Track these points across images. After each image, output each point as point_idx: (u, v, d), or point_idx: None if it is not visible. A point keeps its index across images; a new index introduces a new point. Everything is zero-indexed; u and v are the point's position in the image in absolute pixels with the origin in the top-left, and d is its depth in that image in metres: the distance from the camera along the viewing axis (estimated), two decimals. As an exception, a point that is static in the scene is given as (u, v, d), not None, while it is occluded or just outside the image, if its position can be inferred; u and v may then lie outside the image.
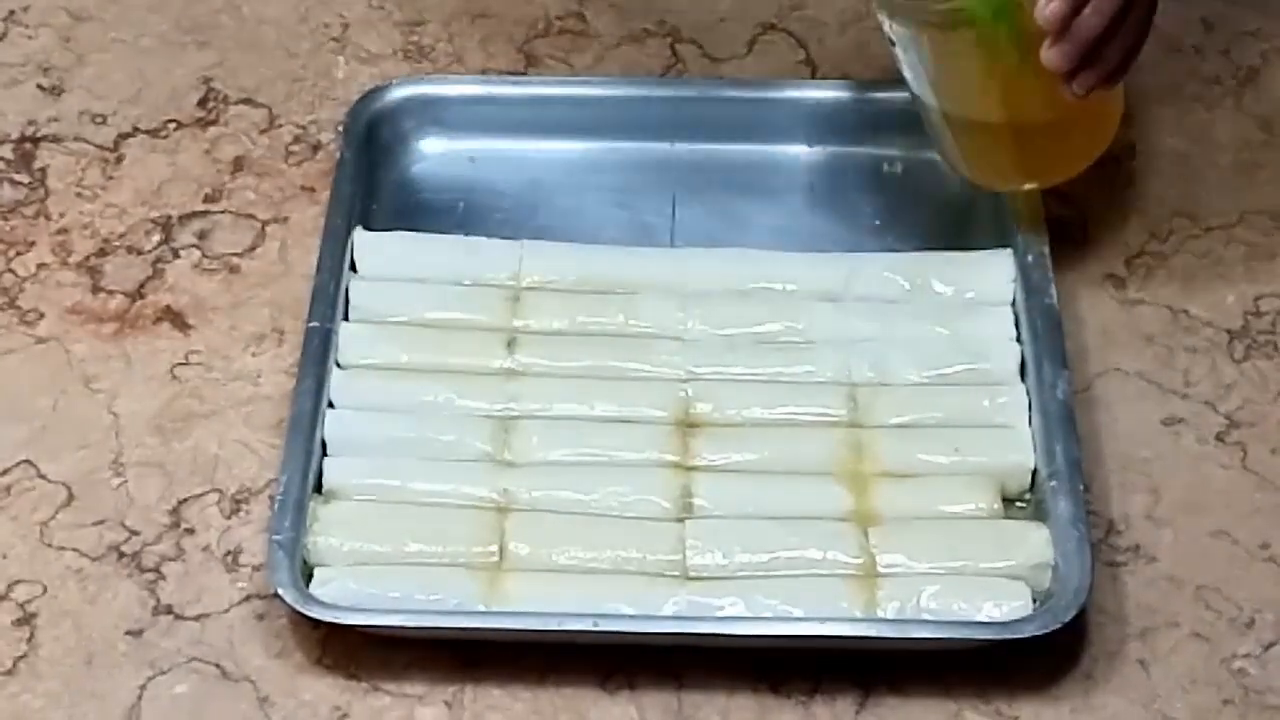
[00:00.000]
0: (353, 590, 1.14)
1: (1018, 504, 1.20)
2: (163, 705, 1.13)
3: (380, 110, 1.38)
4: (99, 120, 1.41)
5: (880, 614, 1.13)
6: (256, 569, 1.18)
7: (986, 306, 1.28)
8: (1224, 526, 1.20)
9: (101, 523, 1.20)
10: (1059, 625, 1.11)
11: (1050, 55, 1.19)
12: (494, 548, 1.16)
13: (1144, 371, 1.27)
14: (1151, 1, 1.20)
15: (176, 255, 1.33)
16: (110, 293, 1.31)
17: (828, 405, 1.23)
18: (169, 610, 1.16)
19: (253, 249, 1.34)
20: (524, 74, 1.44)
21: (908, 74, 1.26)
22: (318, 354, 1.23)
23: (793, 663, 1.14)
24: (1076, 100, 1.21)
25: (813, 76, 1.44)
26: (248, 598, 1.17)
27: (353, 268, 1.29)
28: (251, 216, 1.36)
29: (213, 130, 1.41)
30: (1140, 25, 1.21)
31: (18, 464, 1.23)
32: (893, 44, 1.24)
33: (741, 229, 1.34)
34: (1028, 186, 1.30)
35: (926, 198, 1.36)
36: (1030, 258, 1.28)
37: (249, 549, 1.19)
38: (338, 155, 1.35)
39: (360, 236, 1.30)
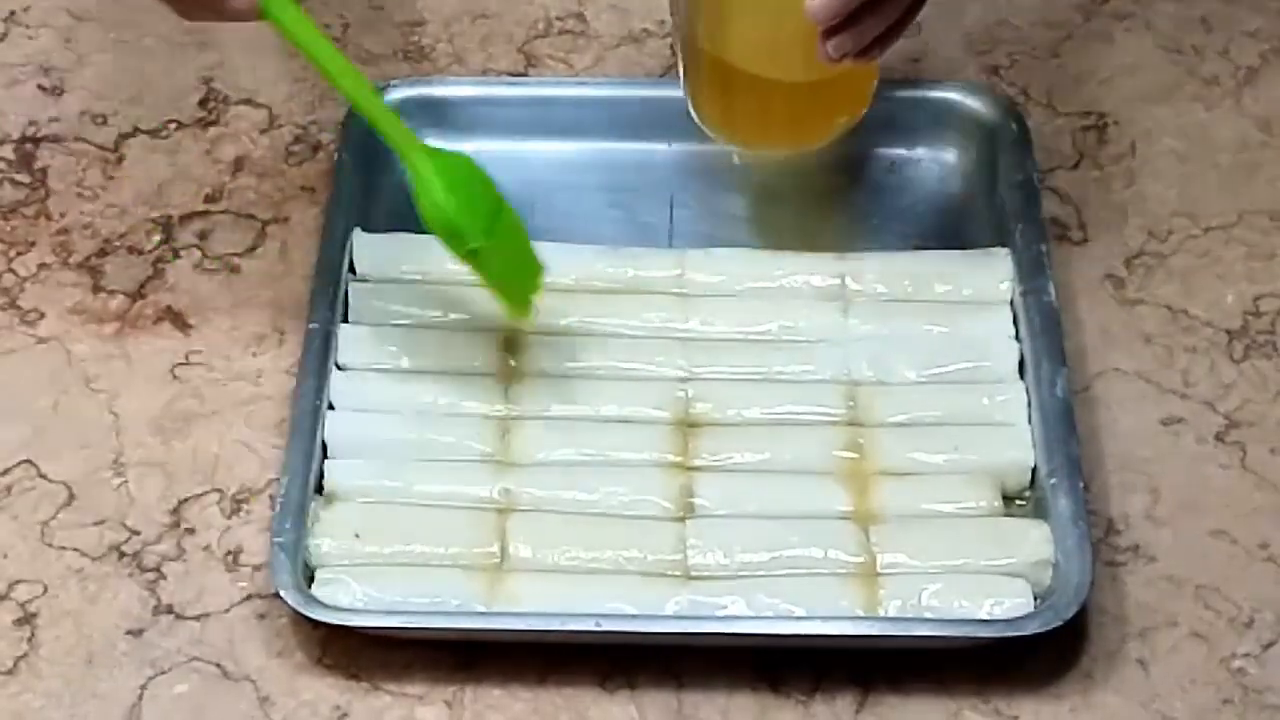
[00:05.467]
0: (354, 591, 1.14)
1: (1017, 502, 1.20)
2: (163, 705, 1.13)
3: (380, 110, 1.38)
4: (99, 120, 1.41)
5: (881, 612, 1.13)
6: (257, 569, 1.18)
7: (985, 305, 1.28)
8: (1223, 526, 1.20)
9: (102, 523, 1.20)
10: (1060, 623, 1.12)
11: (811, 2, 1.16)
12: (495, 548, 1.16)
13: (1143, 371, 1.27)
14: None
15: (177, 255, 1.33)
16: (111, 293, 1.31)
17: (827, 404, 1.23)
18: (169, 610, 1.17)
19: (253, 249, 1.34)
20: (524, 74, 1.44)
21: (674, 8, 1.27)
22: (318, 355, 1.23)
23: (793, 662, 1.14)
24: (827, 66, 1.19)
25: (812, 76, 1.44)
26: (248, 597, 1.17)
27: (352, 269, 1.29)
28: (252, 217, 1.36)
29: (213, 130, 1.41)
30: (908, 8, 1.19)
31: (18, 464, 1.23)
32: None
33: (741, 229, 1.34)
34: (754, 149, 1.33)
35: (926, 197, 1.36)
36: (1029, 257, 1.28)
37: (249, 549, 1.19)
38: (337, 155, 1.35)
39: (360, 238, 1.30)
